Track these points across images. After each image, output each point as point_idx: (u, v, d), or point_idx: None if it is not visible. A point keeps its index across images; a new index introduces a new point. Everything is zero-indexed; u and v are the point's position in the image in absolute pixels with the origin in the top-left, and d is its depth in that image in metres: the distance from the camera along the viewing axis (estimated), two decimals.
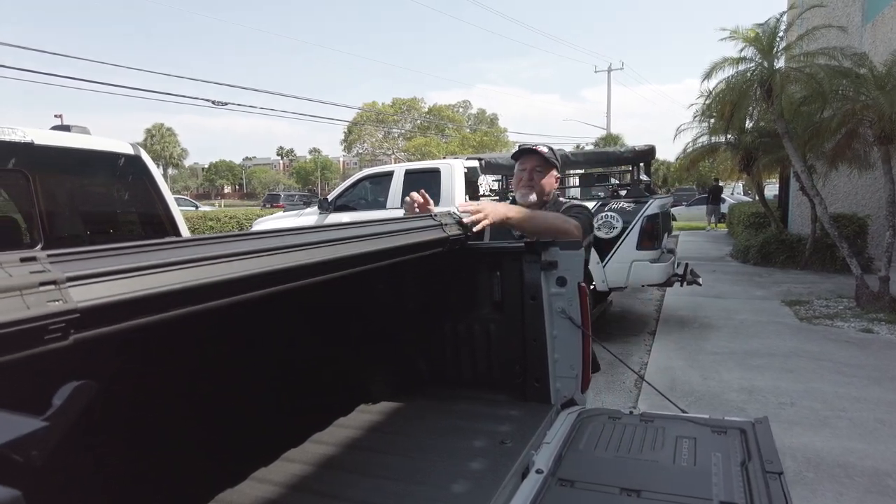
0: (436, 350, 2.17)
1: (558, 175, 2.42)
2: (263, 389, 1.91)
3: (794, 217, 11.95)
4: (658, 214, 5.84)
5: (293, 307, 1.96)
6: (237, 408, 1.78)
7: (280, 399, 1.95)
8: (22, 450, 0.42)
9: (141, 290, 0.81)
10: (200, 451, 1.63)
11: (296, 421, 1.87)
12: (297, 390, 2.01)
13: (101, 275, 0.77)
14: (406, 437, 1.77)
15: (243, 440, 1.73)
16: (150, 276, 0.84)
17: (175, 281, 0.87)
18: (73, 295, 0.74)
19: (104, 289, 0.77)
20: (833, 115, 7.27)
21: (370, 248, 1.40)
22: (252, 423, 1.79)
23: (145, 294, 0.80)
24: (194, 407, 1.67)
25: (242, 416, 1.78)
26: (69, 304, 0.73)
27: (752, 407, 4.13)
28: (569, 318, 1.90)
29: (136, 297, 0.79)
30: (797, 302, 7.64)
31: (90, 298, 0.75)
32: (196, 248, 0.97)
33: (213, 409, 1.72)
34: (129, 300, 0.78)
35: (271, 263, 1.08)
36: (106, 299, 0.76)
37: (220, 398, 1.74)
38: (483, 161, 6.64)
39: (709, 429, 1.70)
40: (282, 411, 1.92)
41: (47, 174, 2.26)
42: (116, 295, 0.77)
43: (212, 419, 1.71)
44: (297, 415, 1.92)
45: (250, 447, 1.71)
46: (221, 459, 1.66)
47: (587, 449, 1.63)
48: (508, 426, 1.79)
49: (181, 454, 1.57)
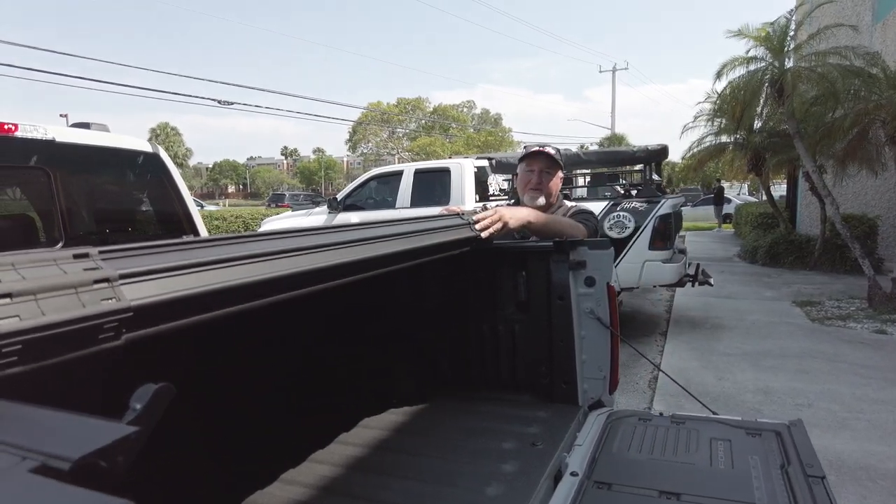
0: (460, 351, 2.14)
1: (563, 176, 2.40)
2: (289, 391, 1.89)
3: (803, 217, 11.89)
4: (670, 214, 5.80)
5: (317, 307, 1.94)
6: (264, 409, 1.76)
7: (306, 400, 1.93)
8: (109, 456, 0.40)
9: (189, 289, 0.79)
10: (227, 453, 1.61)
11: (322, 422, 1.85)
12: (323, 392, 1.99)
13: (152, 272, 0.75)
14: (435, 439, 1.75)
15: (270, 442, 1.71)
16: (196, 275, 0.82)
17: (220, 279, 0.85)
18: (125, 293, 0.72)
19: (155, 287, 0.75)
20: (845, 114, 7.22)
21: (401, 248, 1.38)
22: (278, 425, 1.77)
23: (193, 293, 0.78)
24: (220, 409, 1.65)
25: (269, 418, 1.76)
26: (123, 303, 0.71)
27: (768, 408, 4.09)
28: (597, 319, 1.87)
29: (184, 295, 0.77)
30: (808, 303, 7.59)
31: (142, 297, 0.73)
32: (231, 247, 0.95)
33: (240, 411, 1.70)
34: (179, 298, 0.76)
35: (310, 263, 1.06)
36: (157, 297, 0.74)
37: (246, 400, 1.72)
38: (493, 160, 6.61)
39: (743, 431, 1.68)
40: (308, 413, 1.90)
41: (68, 172, 2.25)
42: (167, 293, 0.75)
43: (238, 421, 1.69)
44: (324, 416, 1.90)
45: (278, 449, 1.70)
46: (249, 461, 1.64)
47: (621, 451, 1.60)
48: (537, 428, 1.77)
49: (208, 457, 1.55)
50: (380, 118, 45.18)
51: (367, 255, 1.24)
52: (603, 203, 5.87)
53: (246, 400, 1.71)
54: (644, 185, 6.05)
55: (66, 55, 22.56)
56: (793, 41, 8.00)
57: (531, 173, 2.28)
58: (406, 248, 1.42)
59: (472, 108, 51.52)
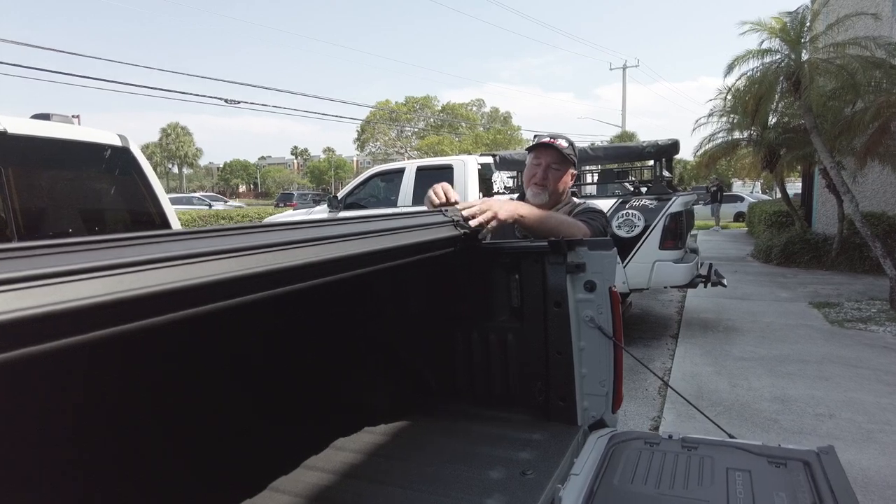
0: (445, 362, 1.94)
1: (575, 172, 2.14)
2: (247, 407, 1.69)
3: (819, 215, 11.55)
4: (682, 212, 5.56)
5: (282, 311, 1.74)
6: (214, 430, 1.57)
7: (269, 418, 1.74)
8: None
9: (114, 293, 0.63)
10: (175, 473, 1.42)
11: (290, 444, 1.66)
12: (290, 408, 1.80)
13: (70, 273, 0.58)
14: (412, 465, 1.55)
15: (227, 468, 1.52)
16: (119, 277, 0.66)
17: (161, 280, 0.71)
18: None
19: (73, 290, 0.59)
20: (866, 108, 6.92)
21: (370, 248, 1.18)
22: (237, 449, 1.58)
23: (121, 297, 0.63)
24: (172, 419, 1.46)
25: (224, 441, 1.57)
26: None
27: (786, 418, 3.85)
28: (598, 328, 1.66)
29: (109, 300, 0.61)
30: (826, 304, 7.30)
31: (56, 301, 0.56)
32: (173, 245, 0.78)
33: (191, 426, 1.51)
34: (99, 304, 0.60)
35: (268, 262, 0.88)
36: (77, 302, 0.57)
37: (196, 415, 1.53)
38: (497, 157, 6.40)
39: (765, 460, 1.46)
40: (272, 431, 1.71)
41: (22, 166, 2.07)
42: (86, 298, 0.59)
43: (189, 436, 1.50)
44: (292, 437, 1.71)
45: (236, 474, 1.50)
46: (200, 489, 1.45)
47: (623, 483, 1.39)
48: (530, 453, 1.56)
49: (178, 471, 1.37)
50: (388, 117, 45.05)
51: (330, 256, 1.04)
52: (612, 200, 5.64)
53: (199, 416, 1.52)
54: (654, 182, 5.81)
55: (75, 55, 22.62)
56: (809, 32, 7.70)
57: (537, 166, 2.03)
58: (379, 248, 1.22)
59: (482, 107, 51.24)
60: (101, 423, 1.32)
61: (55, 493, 1.27)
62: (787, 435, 3.57)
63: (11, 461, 1.17)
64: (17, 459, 1.19)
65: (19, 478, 1.20)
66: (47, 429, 1.24)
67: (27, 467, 1.22)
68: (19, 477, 1.19)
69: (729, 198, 25.44)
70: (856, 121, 7.04)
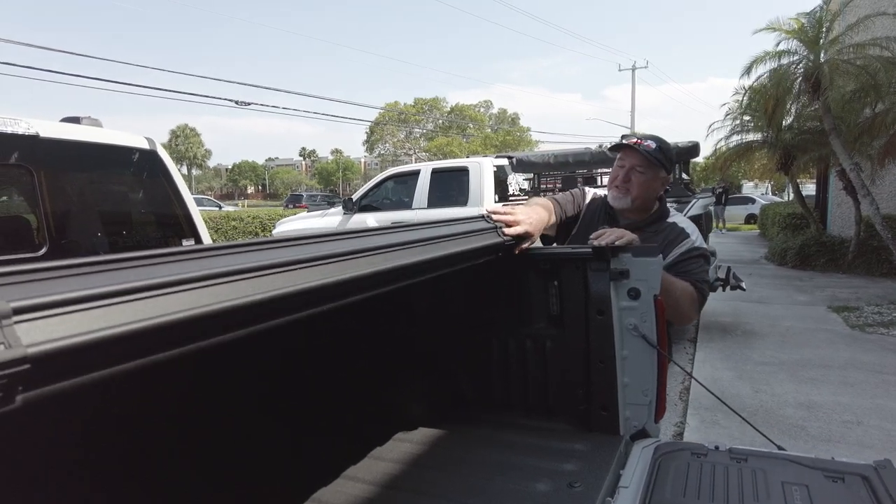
0: (481, 370, 1.90)
1: (667, 177, 1.97)
2: (284, 418, 1.66)
3: (835, 218, 11.43)
4: (701, 215, 5.51)
5: (329, 322, 1.71)
6: (253, 444, 1.54)
7: (305, 428, 1.71)
8: None
9: (116, 326, 0.56)
10: (216, 492, 1.39)
11: (325, 454, 1.63)
12: (328, 417, 1.77)
13: (61, 304, 0.52)
14: (456, 476, 1.51)
15: (265, 479, 1.49)
16: (124, 305, 0.58)
17: (171, 309, 0.62)
18: (19, 335, 0.50)
19: (61, 324, 0.52)
20: (887, 109, 6.83)
21: (421, 258, 1.15)
22: (274, 459, 1.55)
23: (124, 331, 0.55)
24: (207, 443, 1.44)
25: (261, 453, 1.54)
26: (15, 350, 0.49)
27: (813, 425, 3.79)
28: (643, 337, 1.62)
29: (109, 335, 0.54)
30: (845, 308, 7.21)
31: (45, 340, 0.51)
32: (189, 264, 0.71)
33: (228, 446, 1.48)
34: (100, 340, 0.53)
35: (302, 280, 0.84)
36: (67, 340, 0.51)
37: (236, 433, 1.50)
38: (513, 159, 6.36)
39: (820, 473, 1.41)
40: (308, 442, 1.68)
41: (54, 170, 2.06)
42: (81, 334, 0.52)
43: (227, 456, 1.47)
44: (327, 447, 1.68)
45: (274, 487, 1.48)
46: (242, 501, 1.42)
47: (675, 496, 1.35)
48: (574, 464, 1.52)
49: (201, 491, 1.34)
50: (397, 118, 45.10)
51: (379, 269, 1.01)
52: None
53: (236, 434, 1.50)
54: (673, 185, 5.75)
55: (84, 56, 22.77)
56: (828, 33, 7.62)
57: (621, 168, 1.90)
58: (430, 258, 1.20)
59: (490, 108, 51.21)
60: (169, 436, 1.29)
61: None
62: (815, 443, 3.51)
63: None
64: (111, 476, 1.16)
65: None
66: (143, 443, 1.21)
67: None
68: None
69: (739, 200, 25.27)
70: (877, 122, 6.96)
